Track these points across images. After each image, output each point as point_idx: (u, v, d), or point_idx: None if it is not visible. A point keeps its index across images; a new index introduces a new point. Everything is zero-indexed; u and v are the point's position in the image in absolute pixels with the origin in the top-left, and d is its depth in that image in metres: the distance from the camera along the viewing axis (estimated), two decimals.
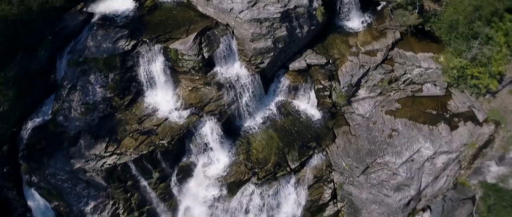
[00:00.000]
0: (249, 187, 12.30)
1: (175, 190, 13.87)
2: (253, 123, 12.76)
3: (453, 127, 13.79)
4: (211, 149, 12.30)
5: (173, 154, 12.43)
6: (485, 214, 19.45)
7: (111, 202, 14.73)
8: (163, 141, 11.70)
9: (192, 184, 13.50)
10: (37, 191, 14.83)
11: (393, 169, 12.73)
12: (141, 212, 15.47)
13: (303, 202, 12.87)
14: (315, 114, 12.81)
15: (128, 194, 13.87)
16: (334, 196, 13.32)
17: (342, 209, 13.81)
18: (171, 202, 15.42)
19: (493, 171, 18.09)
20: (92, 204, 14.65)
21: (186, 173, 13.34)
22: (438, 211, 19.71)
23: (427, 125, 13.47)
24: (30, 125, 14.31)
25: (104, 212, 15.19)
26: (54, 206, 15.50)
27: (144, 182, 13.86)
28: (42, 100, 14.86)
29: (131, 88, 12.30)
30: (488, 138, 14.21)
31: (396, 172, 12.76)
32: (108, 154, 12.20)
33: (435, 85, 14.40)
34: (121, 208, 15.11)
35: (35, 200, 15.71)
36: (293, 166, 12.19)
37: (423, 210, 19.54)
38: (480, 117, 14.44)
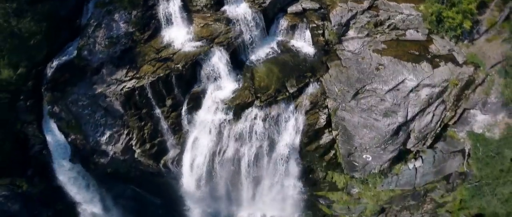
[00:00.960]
0: (253, 110, 14.85)
1: (185, 120, 16.40)
2: (256, 58, 15.58)
3: (435, 65, 16.54)
4: (220, 76, 14.88)
5: (185, 80, 15.07)
6: (475, 165, 21.86)
7: (125, 132, 16.91)
8: (178, 65, 14.27)
9: (201, 113, 16.11)
10: (56, 124, 17.05)
11: (381, 96, 15.29)
12: (152, 144, 17.66)
13: (301, 127, 15.46)
14: (310, 51, 15.70)
15: (142, 123, 16.36)
16: (329, 123, 15.98)
17: (337, 137, 16.63)
18: (180, 134, 17.62)
19: (479, 120, 20.71)
20: (107, 133, 16.84)
21: (196, 102, 15.81)
22: (430, 161, 22.20)
23: (410, 63, 16.25)
24: (55, 63, 16.96)
25: (118, 143, 17.32)
26: (71, 140, 17.66)
27: (157, 110, 16.19)
28: (66, 44, 17.88)
29: (150, 25, 15.03)
30: (468, 78, 16.89)
31: (383, 98, 15.30)
32: (128, 78, 14.80)
33: (417, 31, 17.34)
34: (134, 138, 17.24)
35: (53, 135, 17.86)
36: (291, 91, 14.84)
37: (415, 158, 22.00)
38: (460, 59, 17.23)
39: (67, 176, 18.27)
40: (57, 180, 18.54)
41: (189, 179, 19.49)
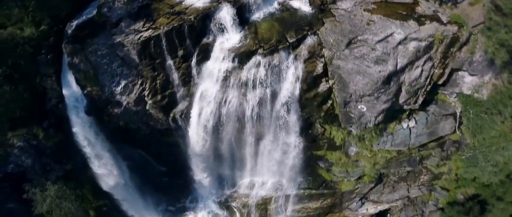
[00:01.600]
0: (256, 58, 17.03)
1: (194, 71, 18.51)
2: (258, 16, 17.86)
3: (421, 23, 18.98)
4: (227, 29, 17.10)
5: (196, 32, 17.18)
6: (467, 131, 24.01)
7: (139, 82, 18.94)
8: (190, 17, 16.54)
9: (209, 64, 18.17)
10: (75, 76, 19.08)
11: (372, 45, 17.54)
12: (163, 96, 19.69)
13: (301, 74, 17.59)
14: (308, 10, 18.07)
15: (155, 73, 18.42)
16: (325, 73, 18.14)
17: (333, 86, 18.77)
18: (189, 86, 19.74)
19: (467, 81, 23.06)
20: (122, 83, 18.86)
21: (205, 53, 17.90)
22: (423, 122, 24.43)
23: (398, 20, 18.64)
24: (75, 22, 19.27)
25: (132, 93, 19.33)
26: (87, 92, 19.68)
27: (169, 61, 18.28)
28: (87, 4, 20.27)
29: None
30: (453, 35, 19.29)
31: (374, 48, 17.55)
32: (145, 29, 17.05)
33: None
34: (147, 89, 19.26)
35: (70, 88, 19.87)
36: (291, 41, 17.10)
37: (409, 118, 24.14)
38: (444, 19, 19.71)
39: (80, 128, 20.16)
40: (71, 134, 20.60)
41: (195, 135, 21.44)
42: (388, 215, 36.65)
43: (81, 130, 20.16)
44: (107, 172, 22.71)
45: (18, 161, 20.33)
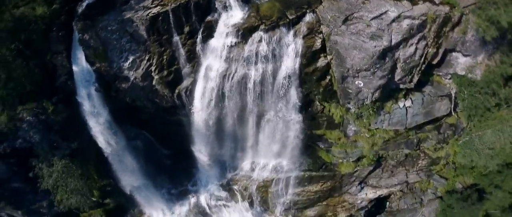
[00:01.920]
0: (258, 33, 18.20)
1: (199, 48, 19.67)
2: None
3: (414, 3, 20.23)
4: (231, 7, 18.28)
5: (202, 9, 18.38)
6: (461, 109, 25.15)
7: (146, 58, 20.02)
8: None
9: (213, 41, 19.29)
10: (85, 52, 20.09)
11: (367, 22, 18.69)
12: (169, 71, 20.77)
13: (300, 49, 18.73)
14: None
15: (162, 49, 19.52)
16: (323, 49, 19.34)
17: (331, 61, 19.87)
18: (194, 63, 20.87)
19: (461, 62, 24.29)
20: (130, 59, 19.92)
21: (210, 30, 19.02)
22: (418, 102, 25.60)
23: (392, 0, 20.31)
24: (86, 2, 20.48)
25: (139, 69, 20.39)
26: (96, 68, 20.75)
27: (176, 37, 19.37)
28: None
29: None
30: (445, 15, 20.56)
31: (369, 24, 18.69)
32: (153, 5, 18.21)
33: None
34: (154, 64, 20.34)
35: (80, 65, 20.93)
36: (291, 17, 18.28)
37: (405, 98, 25.28)
38: (436, 0, 21.22)
39: (88, 105, 21.11)
40: (79, 110, 21.55)
41: (199, 112, 22.44)
42: (388, 203, 37.66)
43: (89, 107, 21.15)
44: (112, 151, 23.77)
45: (26, 136, 21.17)
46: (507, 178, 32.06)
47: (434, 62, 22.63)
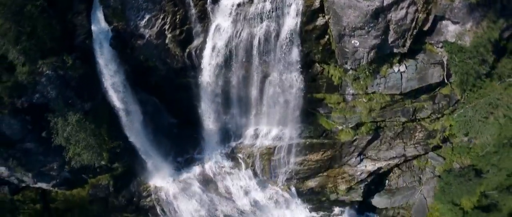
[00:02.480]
0: None
1: (209, 8, 21.69)
2: None
3: None
4: None
5: None
6: (454, 79, 27.05)
7: (161, 16, 21.91)
8: None
9: (223, 1, 21.38)
10: (104, 12, 22.02)
11: None
12: (181, 30, 22.70)
13: (301, 8, 20.59)
14: None
15: (176, 8, 21.50)
16: (322, 8, 21.40)
17: (329, 20, 21.90)
18: (205, 23, 22.87)
19: (451, 30, 26.48)
20: (146, 17, 21.81)
21: None
22: (412, 67, 27.65)
23: None
24: None
25: (154, 27, 22.27)
26: (113, 27, 22.71)
27: None
28: None
29: None
30: None
31: None
32: None
33: None
34: (167, 23, 22.25)
35: (98, 24, 22.87)
36: None
37: (400, 63, 27.25)
38: None
39: (104, 64, 22.77)
40: (95, 69, 23.14)
41: (207, 73, 24.22)
42: (387, 181, 39.26)
43: (105, 65, 22.94)
44: (124, 112, 25.37)
45: (44, 91, 22.44)
46: (504, 156, 34.02)
47: (425, 28, 24.77)
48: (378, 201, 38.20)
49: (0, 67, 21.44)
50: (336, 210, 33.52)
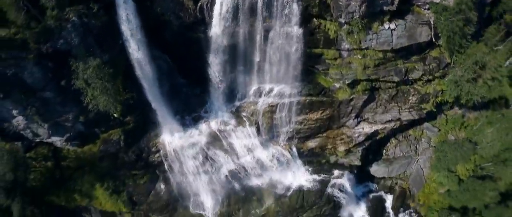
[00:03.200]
0: None
1: None
2: None
3: None
4: None
5: None
6: (442, 41, 29.74)
7: None
8: None
9: None
10: None
11: None
12: None
13: None
14: None
15: None
16: None
17: None
18: None
19: None
20: None
21: None
22: (402, 27, 30.53)
23: None
24: None
25: None
26: None
27: None
28: None
29: None
30: None
31: None
32: None
33: None
34: None
35: None
36: None
37: (390, 22, 30.00)
38: None
39: (124, 14, 25.19)
40: (116, 20, 25.30)
41: (216, 27, 26.70)
42: (384, 151, 41.30)
43: (125, 18, 25.12)
44: (140, 66, 27.08)
45: (68, 37, 24.56)
46: (496, 128, 36.42)
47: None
48: (376, 169, 40.09)
49: (31, 14, 24.31)
50: (336, 173, 35.34)
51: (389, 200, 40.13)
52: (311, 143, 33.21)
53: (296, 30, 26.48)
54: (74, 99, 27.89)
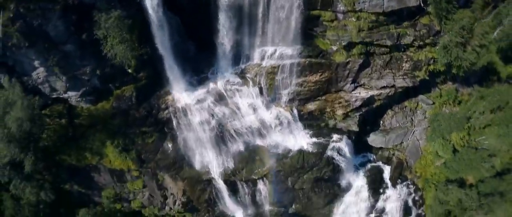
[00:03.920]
0: None
1: None
2: None
3: None
4: None
5: None
6: (431, 9, 32.84)
7: None
8: None
9: None
10: None
11: None
12: None
13: None
14: None
15: None
16: None
17: None
18: None
19: None
20: None
21: None
22: None
23: None
24: None
25: None
26: None
27: None
28: None
29: None
30: None
31: None
32: None
33: None
34: None
35: None
36: None
37: None
38: None
39: None
40: None
41: None
42: (381, 122, 43.59)
43: None
44: (155, 23, 29.79)
45: None
46: (489, 99, 39.09)
47: None
48: (373, 139, 42.22)
49: None
50: (335, 137, 37.42)
51: (387, 170, 42.07)
52: (311, 106, 35.68)
53: None
54: (93, 54, 30.73)
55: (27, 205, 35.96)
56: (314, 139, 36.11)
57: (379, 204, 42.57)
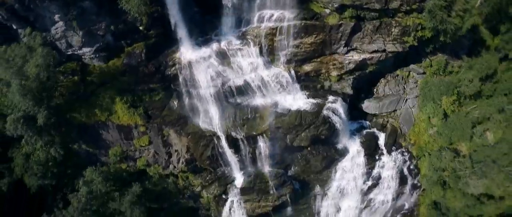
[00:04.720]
0: None
1: None
2: None
3: None
4: None
5: None
6: None
7: None
8: None
9: None
10: None
11: None
12: None
13: None
14: None
15: None
16: None
17: None
18: None
19: None
20: None
21: None
22: None
23: None
24: None
25: None
26: None
27: None
28: None
29: None
30: None
31: None
32: None
33: None
34: None
35: None
36: None
37: None
38: None
39: None
40: None
41: None
42: (375, 90, 46.34)
43: None
44: None
45: None
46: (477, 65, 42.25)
47: None
48: (367, 105, 44.81)
49: None
50: (330, 98, 39.95)
51: (381, 137, 44.35)
52: (307, 67, 38.75)
53: None
54: (108, 10, 34.39)
55: (36, 164, 38.27)
56: (311, 100, 38.90)
57: (375, 171, 44.56)
